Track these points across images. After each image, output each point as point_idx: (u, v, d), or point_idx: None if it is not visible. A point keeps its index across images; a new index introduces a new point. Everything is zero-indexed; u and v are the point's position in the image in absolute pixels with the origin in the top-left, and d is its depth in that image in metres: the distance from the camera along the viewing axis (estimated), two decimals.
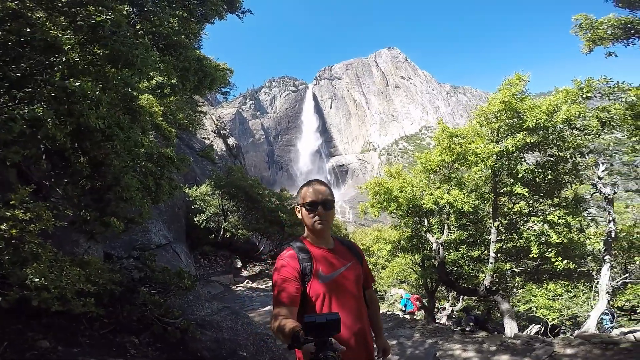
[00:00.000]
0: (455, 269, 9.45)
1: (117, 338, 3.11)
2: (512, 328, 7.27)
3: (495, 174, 7.69)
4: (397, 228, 10.93)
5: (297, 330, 1.29)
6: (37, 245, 2.70)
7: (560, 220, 6.98)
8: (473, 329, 9.51)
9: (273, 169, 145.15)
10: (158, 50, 5.23)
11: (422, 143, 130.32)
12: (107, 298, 3.40)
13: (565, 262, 6.94)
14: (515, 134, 7.07)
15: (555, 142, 7.29)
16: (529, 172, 7.41)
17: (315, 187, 1.77)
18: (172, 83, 7.06)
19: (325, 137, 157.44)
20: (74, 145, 3.37)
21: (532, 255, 7.38)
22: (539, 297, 7.46)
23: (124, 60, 2.89)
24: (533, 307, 7.56)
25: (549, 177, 7.54)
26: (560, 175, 7.74)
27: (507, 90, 7.11)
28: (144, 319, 3.52)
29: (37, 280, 2.46)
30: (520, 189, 7.08)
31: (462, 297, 13.84)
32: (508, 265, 8.06)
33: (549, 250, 7.10)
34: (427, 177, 9.13)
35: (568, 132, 7.17)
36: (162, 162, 6.07)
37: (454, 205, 7.91)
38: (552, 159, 7.59)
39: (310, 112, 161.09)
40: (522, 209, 7.91)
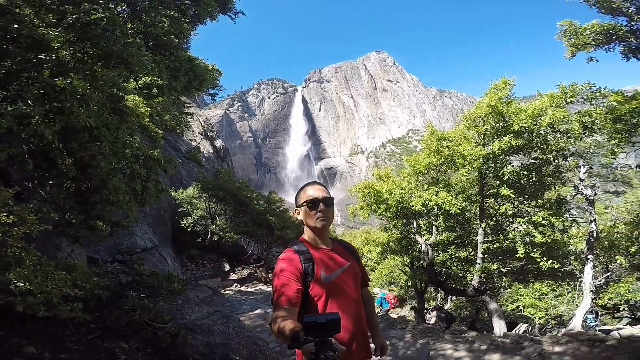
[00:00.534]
0: (444, 270, 9.58)
1: (105, 343, 3.01)
2: (500, 327, 7.39)
3: (482, 176, 7.84)
4: (386, 230, 11.01)
5: (297, 331, 1.28)
6: (20, 249, 2.60)
7: (545, 221, 7.16)
8: (445, 324, 10.01)
9: (261, 172, 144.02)
10: (147, 50, 5.12)
11: (409, 146, 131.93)
12: (94, 303, 3.29)
13: (550, 261, 7.12)
14: (502, 137, 7.23)
15: (539, 145, 7.49)
16: (515, 174, 7.58)
17: (315, 186, 1.82)
18: (160, 83, 6.93)
19: (314, 139, 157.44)
20: (59, 146, 3.27)
21: (518, 256, 7.52)
22: (526, 296, 7.61)
23: (117, 59, 2.82)
24: (520, 306, 7.72)
25: (533, 179, 7.75)
26: (544, 178, 7.96)
27: (493, 94, 7.26)
28: (133, 324, 3.43)
29: (21, 285, 2.37)
30: (506, 191, 7.23)
31: (449, 297, 14.03)
32: (495, 266, 8.21)
33: (534, 251, 7.26)
34: (415, 179, 9.23)
35: (551, 135, 7.38)
36: (148, 163, 5.93)
37: (442, 207, 8.00)
38: (536, 162, 7.80)
39: (299, 115, 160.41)
40: (507, 210, 8.09)
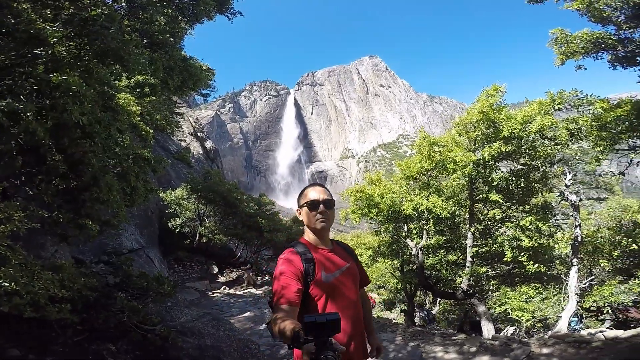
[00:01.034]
0: (434, 273, 9.68)
1: (92, 345, 2.92)
2: (489, 330, 7.49)
3: (472, 182, 7.97)
4: (377, 234, 11.07)
5: (297, 330, 1.27)
6: (5, 248, 2.52)
7: (532, 226, 7.32)
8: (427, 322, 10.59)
9: (251, 174, 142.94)
10: (144, 48, 5.05)
11: (399, 151, 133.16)
12: (81, 304, 3.20)
13: (537, 265, 7.28)
14: (492, 143, 7.37)
15: (528, 151, 7.67)
16: (503, 179, 7.74)
17: (316, 188, 1.85)
18: (152, 82, 6.83)
19: (306, 143, 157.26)
20: (49, 143, 3.18)
21: (506, 259, 7.67)
22: (514, 299, 7.76)
23: (114, 57, 2.78)
24: (508, 309, 7.85)
25: (522, 184, 7.91)
26: (532, 183, 8.14)
27: (485, 101, 7.40)
28: (122, 326, 3.34)
29: (7, 285, 2.29)
30: (495, 196, 7.37)
31: (438, 300, 14.15)
32: (484, 269, 8.35)
33: (522, 254, 7.42)
34: (407, 184, 9.33)
35: (540, 142, 7.56)
36: (138, 163, 5.83)
37: (433, 211, 8.11)
38: (524, 168, 7.98)
39: (291, 118, 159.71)
40: (496, 215, 8.24)
